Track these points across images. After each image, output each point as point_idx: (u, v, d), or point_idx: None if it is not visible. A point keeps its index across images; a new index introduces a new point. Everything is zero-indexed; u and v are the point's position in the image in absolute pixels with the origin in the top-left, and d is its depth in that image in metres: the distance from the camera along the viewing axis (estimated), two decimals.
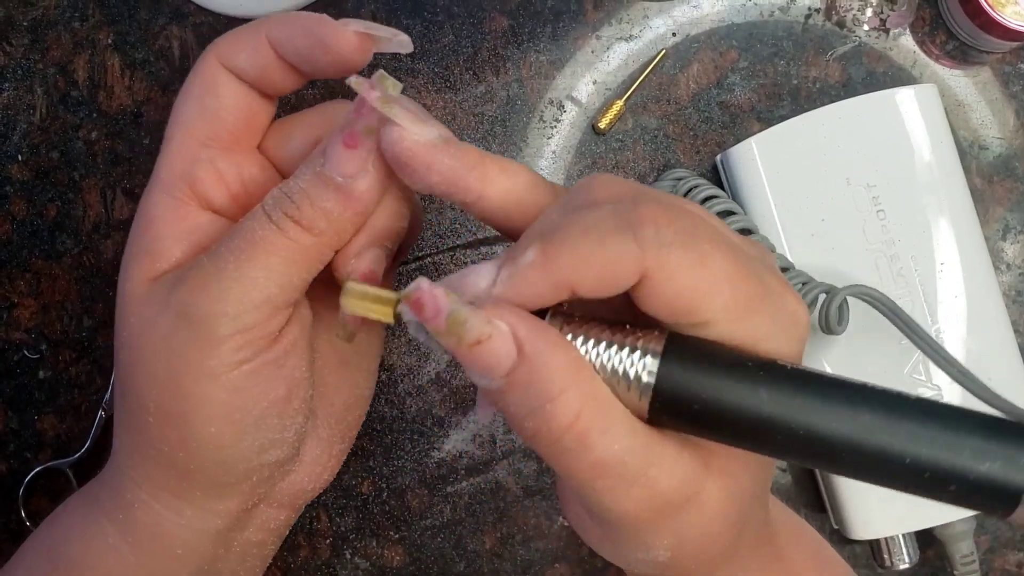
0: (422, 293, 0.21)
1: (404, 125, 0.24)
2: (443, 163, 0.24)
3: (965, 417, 0.21)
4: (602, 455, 0.21)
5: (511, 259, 0.22)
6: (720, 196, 0.42)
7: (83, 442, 0.46)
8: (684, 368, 0.22)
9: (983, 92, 0.46)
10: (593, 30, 0.47)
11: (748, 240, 0.25)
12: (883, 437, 0.21)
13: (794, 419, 0.21)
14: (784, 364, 0.22)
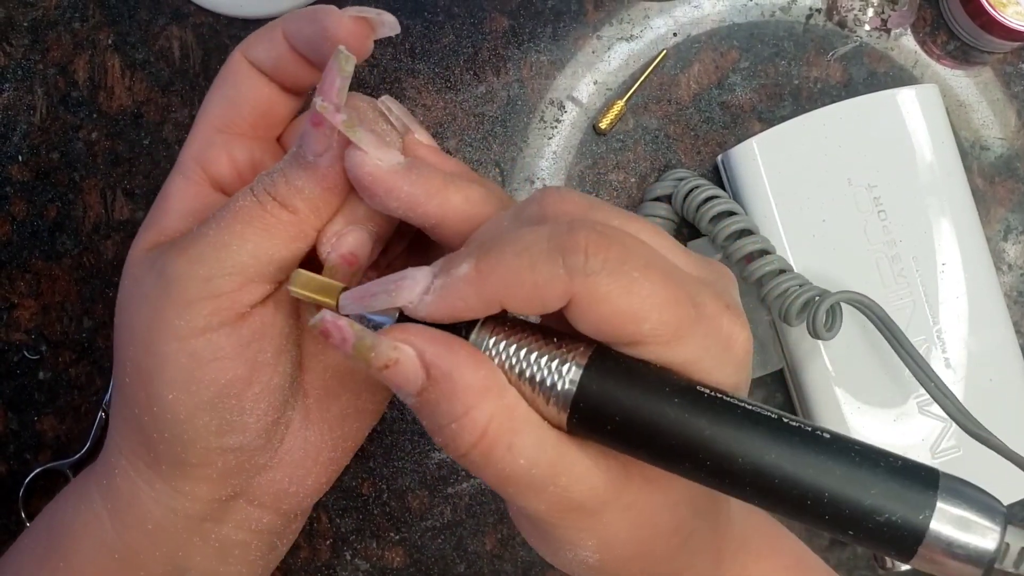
0: (326, 323, 0.22)
1: (367, 149, 0.25)
2: (402, 190, 0.25)
3: (875, 459, 0.21)
4: (506, 468, 0.22)
5: (446, 269, 0.23)
6: (721, 196, 0.42)
7: (83, 443, 0.46)
8: (604, 382, 0.22)
9: (984, 92, 0.46)
10: (594, 30, 0.47)
11: (705, 262, 0.25)
12: (787, 470, 0.21)
13: (702, 445, 0.21)
14: (702, 391, 0.22)
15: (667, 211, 0.44)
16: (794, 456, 0.21)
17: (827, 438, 0.21)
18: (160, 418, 0.27)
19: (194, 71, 0.46)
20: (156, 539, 0.29)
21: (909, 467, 0.21)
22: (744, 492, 0.21)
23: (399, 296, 0.23)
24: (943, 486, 0.20)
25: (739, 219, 0.41)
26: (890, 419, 0.41)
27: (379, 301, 0.23)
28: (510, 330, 0.23)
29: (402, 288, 0.23)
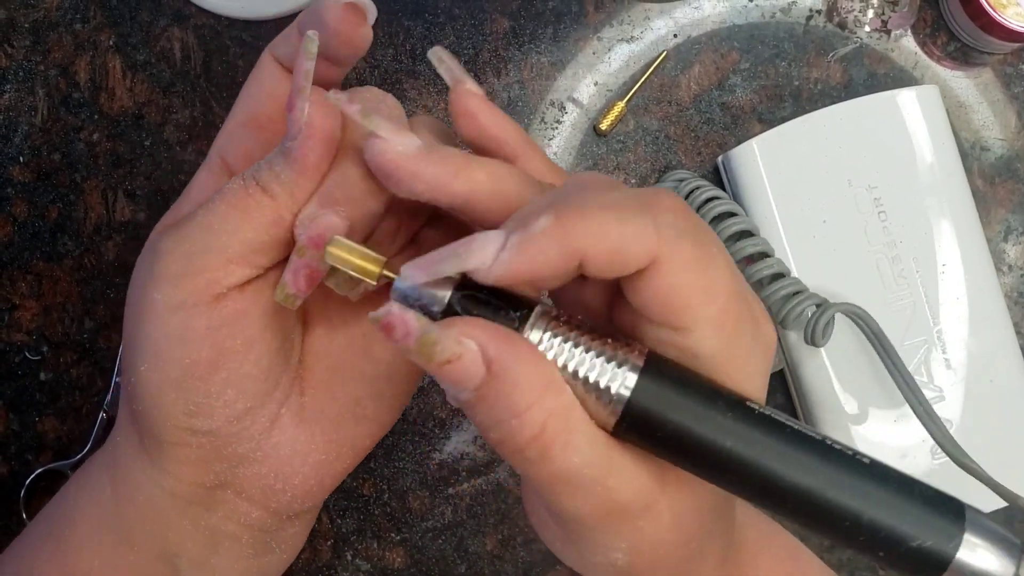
0: (392, 316, 0.22)
1: (386, 136, 0.24)
2: (427, 171, 0.24)
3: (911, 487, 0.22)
4: (562, 466, 0.22)
5: (521, 225, 0.22)
6: (722, 197, 0.42)
7: (84, 444, 0.46)
8: (659, 390, 0.22)
9: (985, 93, 0.46)
10: (594, 31, 0.47)
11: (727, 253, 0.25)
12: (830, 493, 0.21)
13: (752, 463, 0.22)
14: (753, 407, 0.22)
15: None
16: (837, 479, 0.21)
17: (867, 463, 0.22)
18: (135, 390, 0.28)
19: (195, 72, 0.47)
20: (146, 515, 0.30)
21: (941, 497, 0.22)
22: (784, 509, 0.22)
23: (470, 258, 0.22)
24: (969, 518, 0.21)
25: (739, 220, 0.41)
26: (890, 420, 0.41)
27: (448, 265, 0.22)
28: (563, 324, 0.23)
29: (472, 249, 0.22)
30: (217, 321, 0.27)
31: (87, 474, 0.32)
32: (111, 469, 0.31)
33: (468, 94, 0.27)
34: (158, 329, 0.27)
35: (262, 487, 0.30)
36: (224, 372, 0.27)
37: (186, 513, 0.30)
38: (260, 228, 0.26)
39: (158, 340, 0.27)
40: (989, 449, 0.41)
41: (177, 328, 0.27)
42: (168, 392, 0.27)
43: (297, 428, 0.30)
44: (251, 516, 0.30)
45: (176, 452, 0.29)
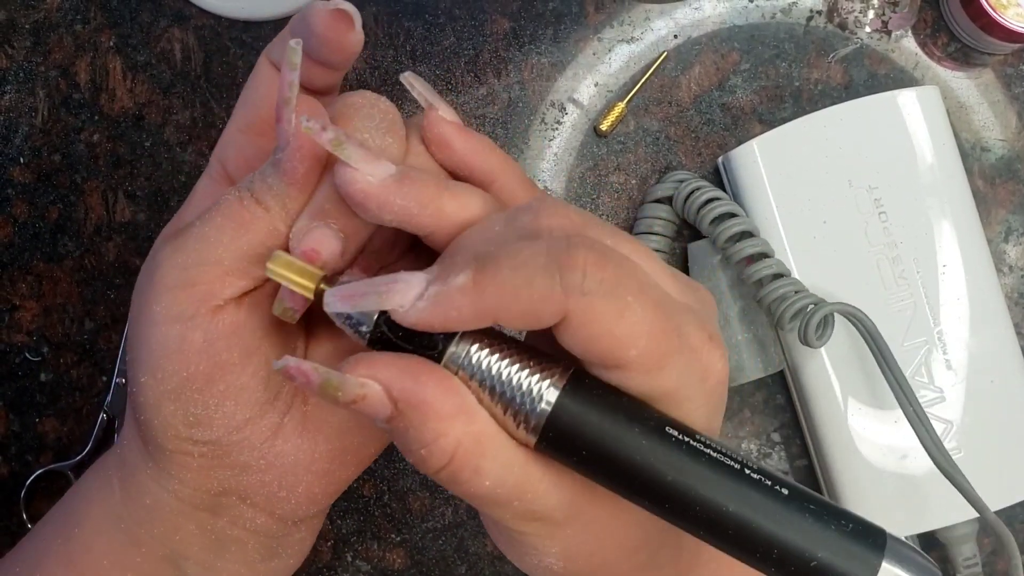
0: (289, 368, 0.23)
1: (356, 166, 0.25)
2: (395, 204, 0.25)
3: (828, 519, 0.22)
4: (472, 489, 0.23)
5: (442, 278, 0.23)
6: (722, 198, 0.42)
7: (84, 444, 0.46)
8: (577, 411, 0.23)
9: (985, 94, 0.46)
10: (594, 32, 0.47)
11: (690, 287, 0.25)
12: (743, 521, 0.22)
13: (664, 488, 0.22)
14: (671, 433, 0.23)
15: (668, 213, 0.44)
16: (750, 509, 0.22)
17: (785, 494, 0.22)
18: (136, 400, 0.28)
19: (195, 73, 0.47)
20: (153, 517, 0.30)
21: (860, 529, 0.22)
22: (699, 533, 0.23)
23: (390, 299, 0.23)
24: (890, 548, 0.22)
25: (740, 221, 0.41)
26: (891, 420, 0.41)
27: (368, 302, 0.23)
28: (488, 342, 0.24)
29: (393, 291, 0.23)
30: (214, 334, 0.27)
31: (97, 473, 0.32)
32: (119, 469, 0.31)
33: (439, 122, 0.28)
34: (156, 341, 0.27)
35: (266, 494, 0.30)
36: (222, 384, 0.27)
37: (192, 517, 0.30)
38: (255, 240, 0.26)
39: (156, 352, 0.27)
40: (989, 450, 0.41)
41: (174, 340, 0.27)
42: (167, 404, 0.27)
43: (300, 437, 0.30)
44: (256, 522, 0.31)
45: (179, 460, 0.29)
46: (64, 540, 0.31)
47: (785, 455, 0.46)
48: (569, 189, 0.47)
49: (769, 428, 0.46)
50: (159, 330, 0.27)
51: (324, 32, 0.27)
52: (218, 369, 0.27)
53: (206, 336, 0.27)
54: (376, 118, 0.27)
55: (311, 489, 0.30)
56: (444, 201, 0.25)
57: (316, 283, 0.25)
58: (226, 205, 0.27)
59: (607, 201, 0.46)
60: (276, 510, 0.30)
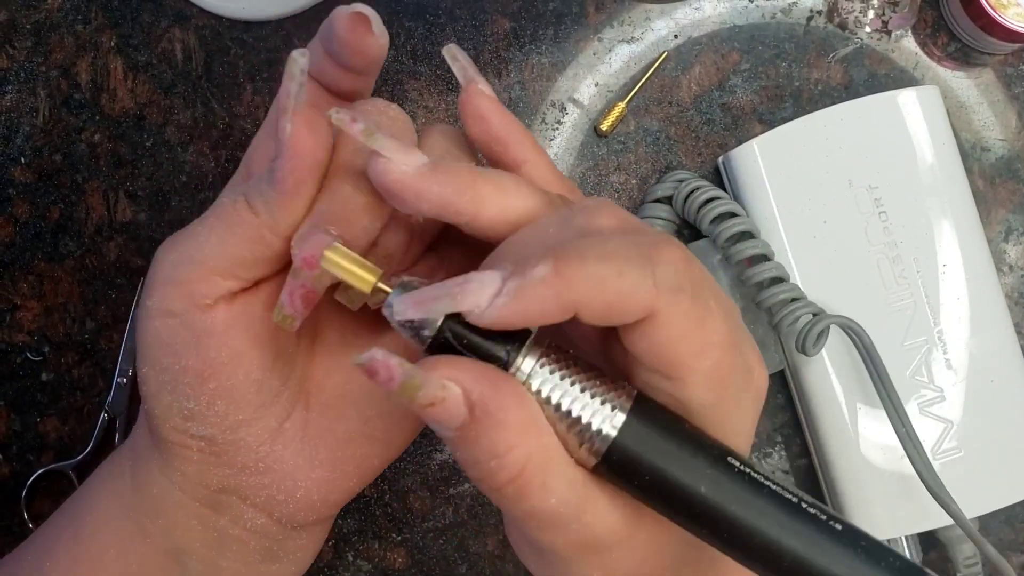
0: (375, 363, 0.21)
1: (389, 155, 0.24)
2: (432, 191, 0.24)
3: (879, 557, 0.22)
4: (538, 506, 0.22)
5: (519, 271, 0.22)
6: (722, 197, 0.42)
7: (86, 444, 0.46)
8: (642, 436, 0.22)
9: (985, 94, 0.46)
10: (595, 32, 0.47)
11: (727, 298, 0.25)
12: (798, 554, 0.22)
13: (724, 519, 0.22)
14: (733, 463, 0.23)
15: (668, 213, 0.45)
16: (806, 544, 0.22)
17: (839, 529, 0.22)
18: (141, 388, 0.29)
19: (196, 73, 0.47)
20: (159, 508, 0.30)
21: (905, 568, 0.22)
22: (753, 564, 0.23)
23: (464, 300, 0.22)
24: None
25: (740, 221, 0.41)
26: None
27: (441, 305, 0.22)
28: (555, 356, 0.23)
29: (468, 291, 0.22)
30: (201, 332, 0.27)
31: (112, 462, 0.32)
32: (131, 458, 0.31)
33: (479, 95, 0.27)
34: (151, 334, 0.27)
35: (265, 496, 0.30)
36: (213, 383, 0.28)
37: (194, 512, 0.30)
38: (241, 243, 0.27)
39: (152, 344, 0.28)
40: (990, 449, 0.41)
41: (166, 334, 0.27)
42: (165, 395, 0.28)
43: (301, 443, 0.30)
44: (256, 522, 0.31)
45: (179, 452, 0.29)
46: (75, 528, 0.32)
47: (785, 454, 0.46)
48: (612, 200, 0.47)
49: (769, 427, 0.46)
50: (153, 323, 0.27)
51: (344, 35, 0.27)
52: (208, 367, 0.27)
53: (194, 334, 0.27)
54: (384, 124, 0.27)
55: (310, 496, 0.30)
56: (480, 186, 0.24)
57: (376, 278, 0.24)
58: (221, 207, 0.27)
59: None
60: (275, 513, 0.30)
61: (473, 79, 0.27)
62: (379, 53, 0.27)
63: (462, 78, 0.27)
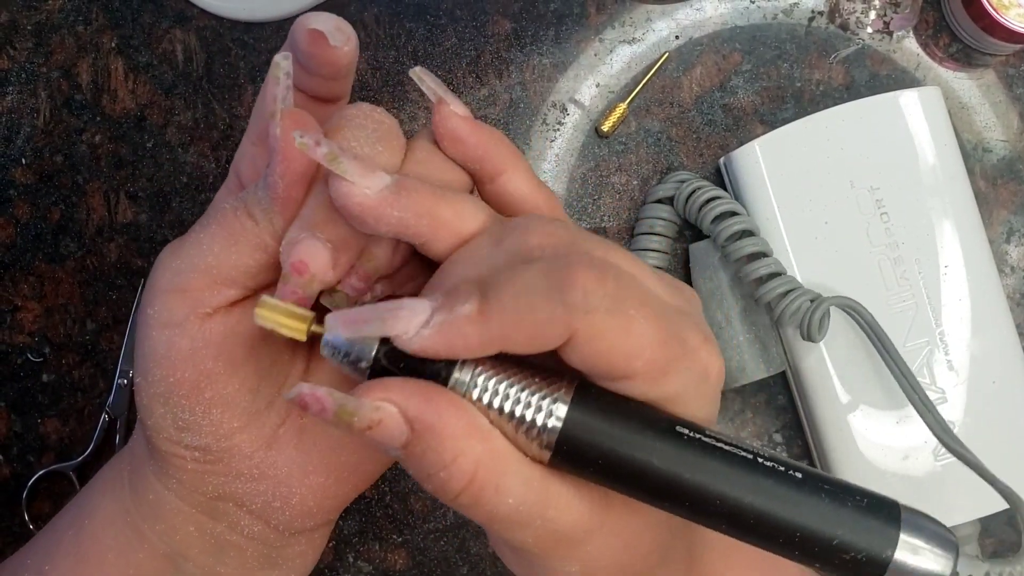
0: (304, 396, 0.22)
1: (352, 180, 0.24)
2: (392, 216, 0.25)
3: (843, 498, 0.23)
4: (497, 509, 0.23)
5: (448, 304, 0.22)
6: (723, 197, 0.42)
7: (86, 445, 0.46)
8: (588, 422, 0.23)
9: (987, 95, 0.46)
10: (596, 33, 0.47)
11: (677, 288, 0.25)
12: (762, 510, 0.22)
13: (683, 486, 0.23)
14: (682, 431, 0.23)
15: (669, 213, 0.44)
16: (768, 496, 0.22)
17: (799, 478, 0.23)
18: (136, 398, 0.28)
19: (197, 74, 0.47)
20: (156, 512, 0.30)
21: (875, 503, 0.23)
22: (720, 527, 0.23)
23: (395, 325, 0.22)
24: (905, 520, 0.22)
25: (740, 220, 0.41)
26: (892, 421, 0.41)
27: (371, 328, 0.23)
28: (490, 364, 0.24)
29: (398, 317, 0.22)
30: (200, 342, 0.27)
31: (112, 467, 0.32)
32: (130, 463, 0.31)
33: (450, 116, 0.27)
34: (147, 344, 0.27)
35: (262, 503, 0.30)
36: (208, 392, 0.28)
37: (191, 518, 0.30)
38: (244, 251, 0.27)
39: (146, 356, 0.27)
40: (991, 450, 0.41)
41: (162, 346, 0.27)
42: (157, 407, 0.28)
43: (296, 449, 0.30)
44: (253, 529, 0.31)
45: (173, 461, 0.29)
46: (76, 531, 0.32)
47: (787, 455, 0.46)
48: (571, 190, 0.47)
49: (771, 428, 0.46)
50: (151, 333, 0.27)
51: (307, 49, 0.27)
52: (204, 378, 0.27)
53: (192, 344, 0.27)
54: (368, 128, 0.27)
55: (305, 502, 0.30)
56: (440, 210, 0.25)
57: (308, 324, 0.25)
58: (221, 214, 0.27)
59: (608, 202, 0.46)
60: (272, 519, 0.30)
61: (442, 99, 0.27)
62: (346, 61, 0.27)
63: (432, 97, 0.28)
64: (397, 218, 0.25)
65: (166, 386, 0.27)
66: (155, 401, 0.28)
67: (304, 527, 0.31)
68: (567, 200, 0.47)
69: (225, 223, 0.27)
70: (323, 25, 0.26)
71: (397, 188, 0.25)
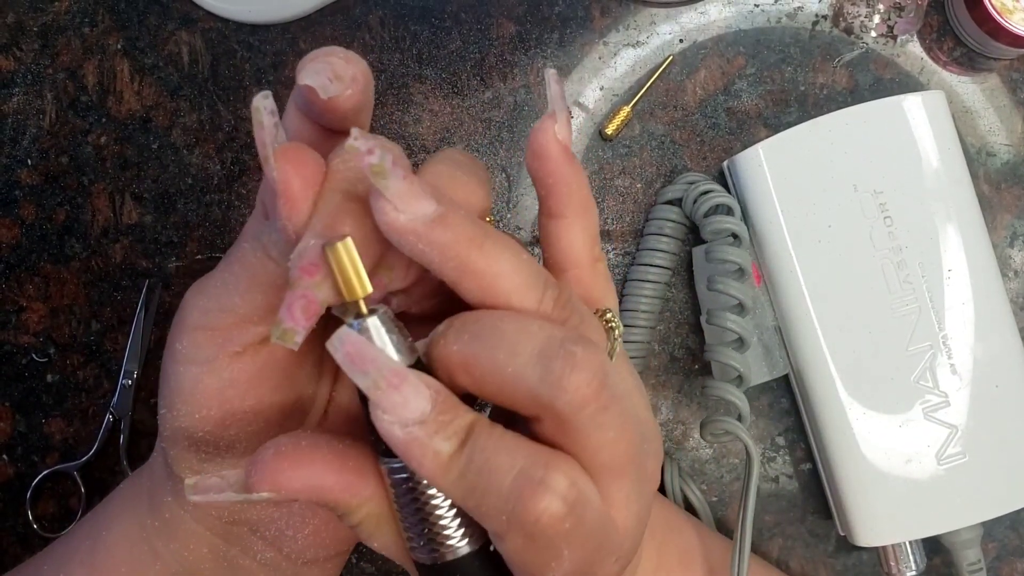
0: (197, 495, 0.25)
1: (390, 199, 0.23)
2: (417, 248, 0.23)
3: None
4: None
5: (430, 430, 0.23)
6: (724, 197, 0.42)
7: (90, 445, 0.46)
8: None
9: (991, 99, 0.46)
10: (600, 36, 0.47)
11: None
12: None
13: None
14: None
15: (678, 215, 0.45)
16: None
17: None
18: (159, 425, 0.28)
19: (203, 76, 0.47)
20: (171, 530, 0.30)
21: None
22: None
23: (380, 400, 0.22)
24: None
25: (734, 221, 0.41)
26: (895, 425, 0.41)
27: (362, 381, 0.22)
28: None
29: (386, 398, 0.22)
30: (228, 382, 0.27)
31: (133, 481, 0.33)
32: (149, 479, 0.31)
33: (547, 131, 0.26)
34: (174, 379, 0.27)
35: (275, 530, 0.30)
36: (233, 430, 0.28)
37: (206, 541, 0.30)
38: (269, 291, 0.26)
39: (173, 389, 0.27)
40: (995, 454, 0.41)
41: (189, 382, 0.27)
42: (181, 439, 0.28)
43: None
44: (266, 555, 0.31)
45: None
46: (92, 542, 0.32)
47: (790, 459, 0.46)
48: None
49: (774, 432, 0.46)
50: (178, 368, 0.27)
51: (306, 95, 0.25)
52: (230, 416, 0.27)
53: (220, 383, 0.27)
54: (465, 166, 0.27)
55: (318, 532, 0.31)
56: (473, 258, 0.23)
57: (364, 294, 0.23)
58: (242, 254, 0.27)
59: (612, 205, 0.46)
60: (284, 547, 0.31)
61: (553, 114, 0.26)
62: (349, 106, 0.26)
63: (550, 105, 0.26)
64: (421, 252, 0.23)
65: (191, 421, 0.27)
66: (179, 434, 0.27)
67: (316, 557, 0.31)
68: None
69: (247, 264, 0.26)
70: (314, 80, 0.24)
71: (434, 221, 0.23)
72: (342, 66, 0.25)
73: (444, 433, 0.22)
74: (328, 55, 0.25)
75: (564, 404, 0.22)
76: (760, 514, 0.46)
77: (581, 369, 0.22)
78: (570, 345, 0.22)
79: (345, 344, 0.22)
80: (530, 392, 0.22)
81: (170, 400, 0.27)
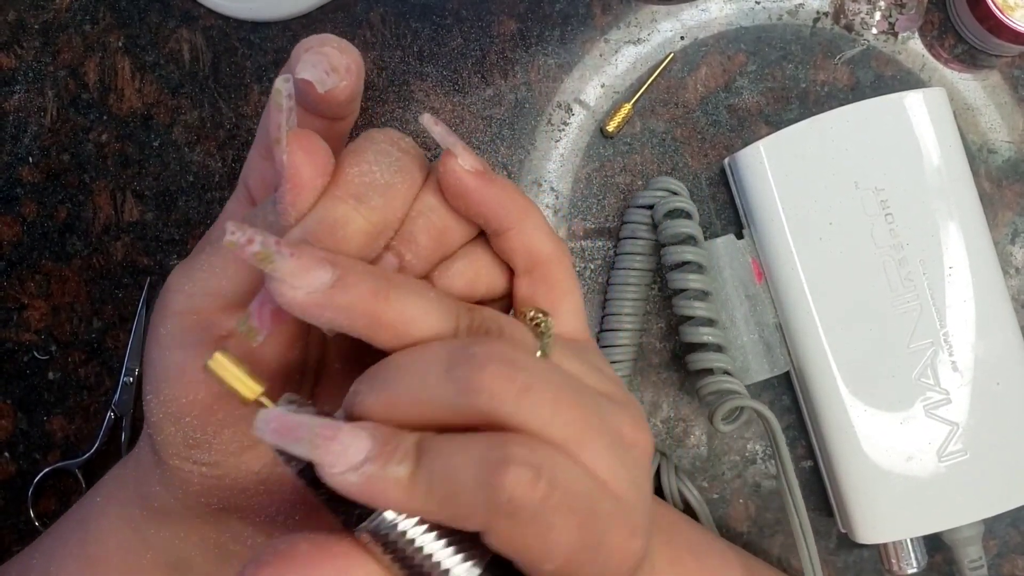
0: None
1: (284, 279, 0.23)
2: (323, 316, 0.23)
3: None
4: None
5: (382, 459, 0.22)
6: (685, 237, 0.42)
7: (92, 443, 0.46)
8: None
9: (992, 96, 0.46)
10: (601, 33, 0.47)
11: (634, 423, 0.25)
12: None
13: None
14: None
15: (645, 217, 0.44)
16: None
17: None
18: (146, 412, 0.29)
19: (204, 74, 0.47)
20: (161, 519, 0.30)
21: None
22: None
23: (324, 455, 0.22)
24: None
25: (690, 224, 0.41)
26: (896, 422, 0.41)
27: (298, 447, 0.22)
28: None
29: (330, 450, 0.22)
30: None
31: (118, 471, 0.33)
32: (136, 470, 0.31)
33: (453, 170, 0.26)
34: (159, 364, 0.27)
35: (265, 517, 0.30)
36: (220, 414, 0.28)
37: (195, 528, 0.30)
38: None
39: (159, 375, 0.27)
40: (996, 452, 0.41)
41: (175, 367, 0.27)
42: (168, 425, 0.28)
43: None
44: (256, 541, 0.31)
45: (180, 474, 0.29)
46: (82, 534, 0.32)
47: (791, 456, 0.46)
48: (575, 190, 0.47)
49: None
50: (163, 354, 0.27)
51: (302, 87, 0.26)
52: (216, 400, 0.27)
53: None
54: (392, 156, 0.26)
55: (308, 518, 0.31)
56: (381, 312, 0.23)
57: (254, 393, 0.24)
58: None
59: (613, 202, 0.46)
60: (274, 534, 0.31)
61: (450, 151, 0.26)
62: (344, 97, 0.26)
63: (443, 145, 0.27)
64: (328, 319, 0.23)
65: (178, 406, 0.27)
66: (166, 419, 0.28)
67: None
68: (571, 200, 0.47)
69: None
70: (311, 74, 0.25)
71: (334, 286, 0.23)
72: (337, 57, 0.26)
73: (396, 458, 0.22)
74: (323, 44, 0.26)
75: (484, 403, 0.22)
76: (761, 511, 0.46)
77: (484, 365, 0.22)
78: (470, 348, 0.22)
79: (270, 422, 0.22)
80: (452, 406, 0.22)
81: (156, 386, 0.27)
